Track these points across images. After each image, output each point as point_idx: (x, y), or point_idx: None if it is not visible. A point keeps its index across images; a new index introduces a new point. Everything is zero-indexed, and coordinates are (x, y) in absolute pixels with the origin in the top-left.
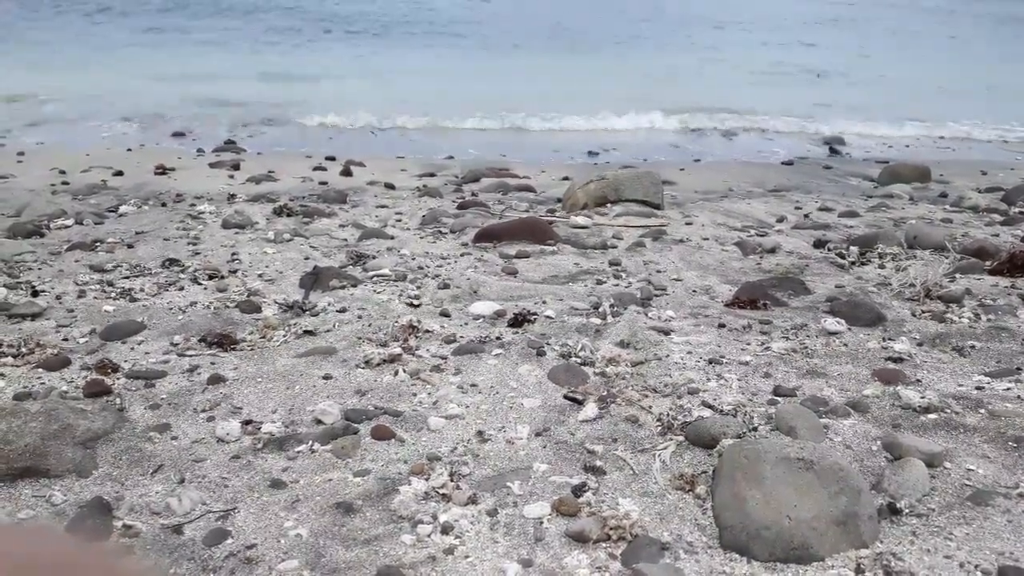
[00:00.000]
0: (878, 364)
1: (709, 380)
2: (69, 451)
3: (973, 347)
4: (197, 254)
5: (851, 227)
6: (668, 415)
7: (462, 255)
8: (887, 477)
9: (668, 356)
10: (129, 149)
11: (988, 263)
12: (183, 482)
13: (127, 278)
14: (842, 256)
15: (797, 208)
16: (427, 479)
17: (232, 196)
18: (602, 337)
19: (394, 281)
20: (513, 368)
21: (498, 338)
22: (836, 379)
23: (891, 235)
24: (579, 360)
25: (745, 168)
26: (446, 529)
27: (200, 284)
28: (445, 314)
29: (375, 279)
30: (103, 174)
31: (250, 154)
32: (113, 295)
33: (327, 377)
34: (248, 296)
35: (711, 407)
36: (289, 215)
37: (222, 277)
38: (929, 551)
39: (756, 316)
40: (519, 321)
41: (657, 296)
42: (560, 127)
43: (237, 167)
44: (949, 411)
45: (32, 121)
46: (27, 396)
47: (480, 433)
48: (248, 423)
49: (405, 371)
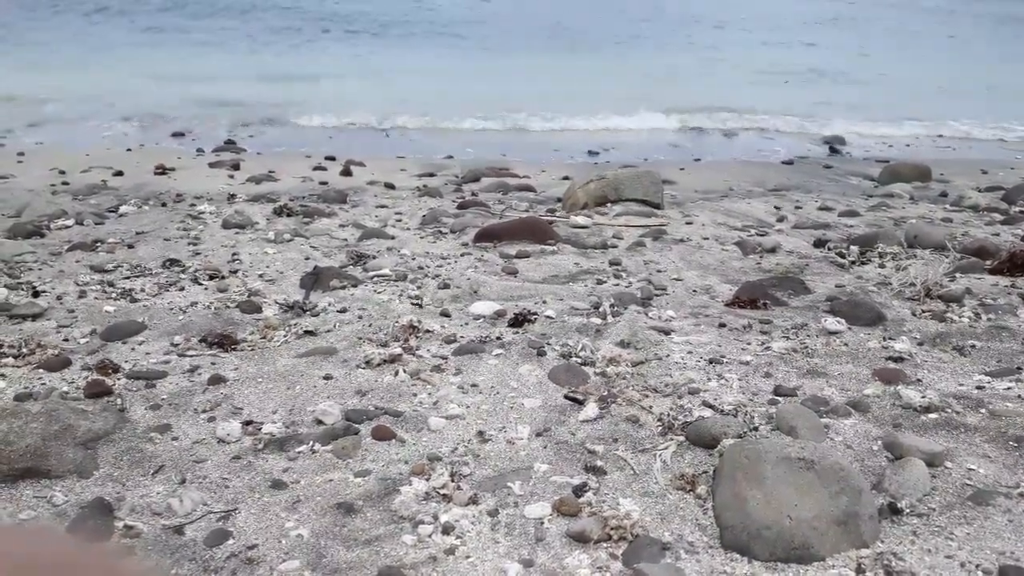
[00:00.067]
0: (879, 364)
1: (710, 380)
2: (70, 452)
3: (973, 346)
4: (197, 254)
5: (851, 226)
6: (669, 415)
7: (462, 255)
8: (888, 477)
9: (668, 356)
10: (129, 149)
11: (988, 262)
12: (184, 483)
13: (128, 278)
14: (842, 255)
15: (798, 207)
16: (428, 479)
17: (232, 196)
18: (602, 337)
19: (394, 281)
20: (514, 368)
21: (498, 338)
22: (837, 379)
23: (891, 234)
24: (579, 360)
25: (745, 167)
26: (447, 529)
27: (201, 284)
28: (445, 314)
29: (375, 279)
30: (103, 174)
31: (250, 154)
32: (114, 295)
33: (328, 377)
34: (248, 296)
35: (712, 407)
36: (289, 215)
37: (222, 277)
38: (930, 551)
39: (756, 316)
40: (519, 321)
41: (657, 296)
42: (560, 127)
43: (237, 167)
44: (950, 411)
45: (32, 121)
46: (28, 397)
47: (481, 433)
48: (249, 423)
49: (405, 371)
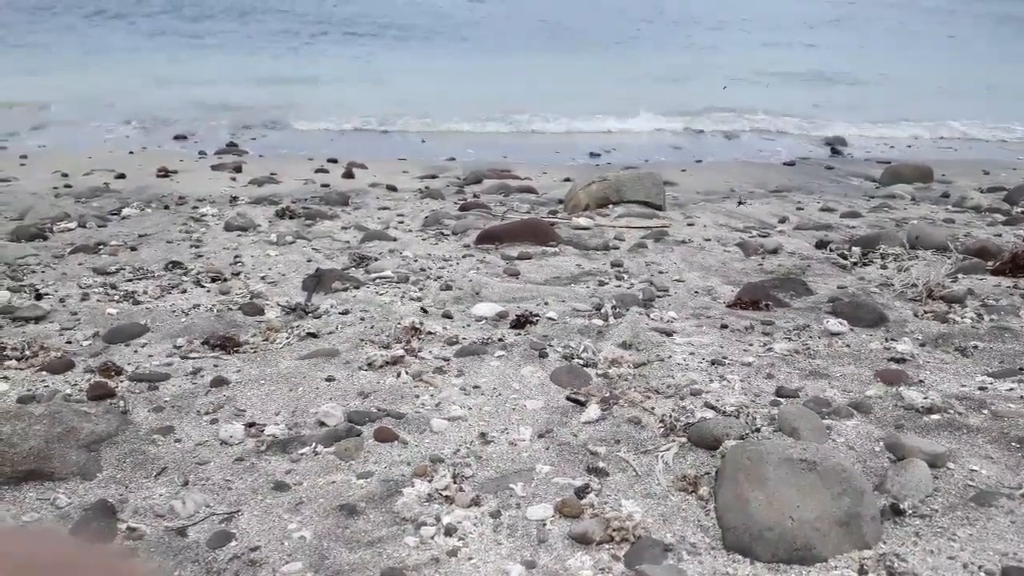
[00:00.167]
0: (881, 365)
1: (712, 381)
2: (73, 454)
3: (976, 347)
4: (200, 257)
5: (853, 227)
6: (671, 416)
7: (464, 257)
8: (890, 478)
9: (670, 357)
10: (131, 152)
11: (990, 263)
12: (187, 485)
13: (130, 281)
14: (844, 257)
15: (799, 209)
16: (430, 481)
17: (234, 199)
18: (604, 338)
19: (396, 283)
20: (516, 370)
21: (500, 340)
22: (839, 380)
23: (893, 235)
24: (581, 361)
25: (747, 169)
26: (449, 531)
27: (203, 287)
28: (447, 316)
29: (377, 281)
30: (105, 177)
31: (252, 156)
32: (116, 298)
33: (330, 379)
34: (251, 298)
35: (714, 408)
36: (291, 217)
37: (225, 280)
38: (932, 552)
39: (758, 317)
40: (521, 323)
41: (659, 297)
42: (561, 128)
43: (239, 169)
44: (952, 412)
45: (34, 124)
46: (31, 399)
47: (483, 435)
48: (251, 425)
49: (408, 373)
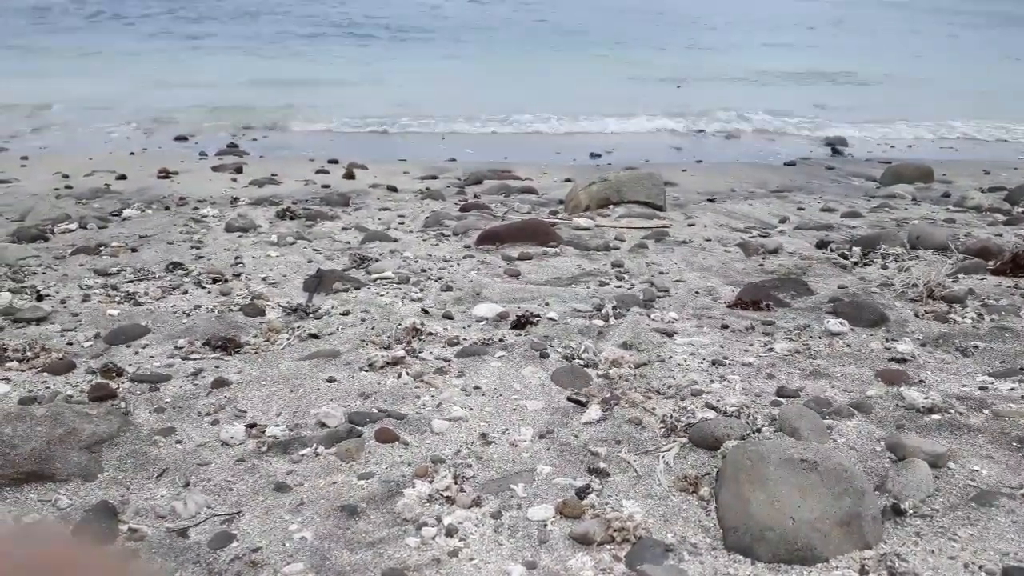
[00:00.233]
0: (881, 365)
1: (712, 381)
2: (74, 455)
3: (976, 347)
4: (201, 258)
5: (854, 227)
6: (671, 417)
7: (465, 257)
8: (891, 478)
9: (671, 358)
10: (132, 153)
11: (991, 263)
12: (188, 486)
13: (131, 282)
14: (845, 257)
15: (800, 209)
16: (431, 482)
17: (235, 200)
18: (605, 339)
19: (397, 284)
20: (516, 370)
21: (501, 340)
22: (839, 380)
23: (894, 235)
24: (582, 362)
25: (747, 169)
26: (450, 532)
27: (204, 288)
28: (448, 316)
29: (378, 282)
30: (106, 178)
31: (252, 157)
32: (117, 299)
33: (331, 380)
34: (252, 299)
35: (714, 408)
36: (292, 218)
37: (226, 281)
38: (933, 552)
39: (759, 317)
40: (522, 323)
41: (660, 297)
42: (562, 129)
43: (240, 170)
44: (953, 412)
45: (35, 126)
46: (32, 400)
47: (484, 435)
48: (252, 426)
49: (408, 374)
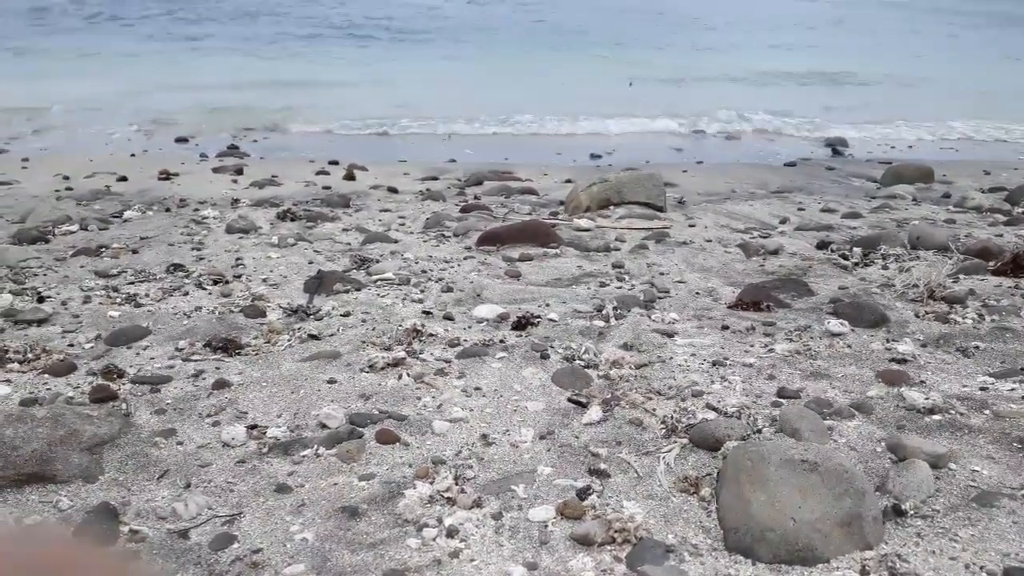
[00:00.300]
0: (882, 365)
1: (713, 382)
2: (75, 457)
3: (977, 348)
4: (201, 259)
5: (854, 228)
6: (672, 417)
7: (465, 258)
8: (892, 478)
9: (672, 358)
10: (133, 155)
11: (991, 263)
12: (189, 487)
13: (132, 283)
14: (845, 257)
15: (800, 209)
16: (432, 483)
17: (236, 201)
18: (605, 340)
19: (398, 285)
20: (517, 371)
21: (501, 341)
22: (840, 380)
23: (894, 236)
24: (583, 363)
25: (748, 170)
26: (451, 533)
27: (205, 289)
28: (449, 317)
29: (379, 283)
30: (107, 180)
31: (253, 159)
32: (118, 300)
33: (331, 381)
34: (252, 301)
35: (715, 409)
36: (293, 220)
37: (226, 282)
38: (934, 552)
39: (759, 318)
40: (522, 324)
41: (660, 298)
42: (562, 129)
43: (240, 172)
44: (953, 412)
45: (36, 127)
46: (33, 402)
47: (484, 436)
48: (253, 428)
49: (409, 375)
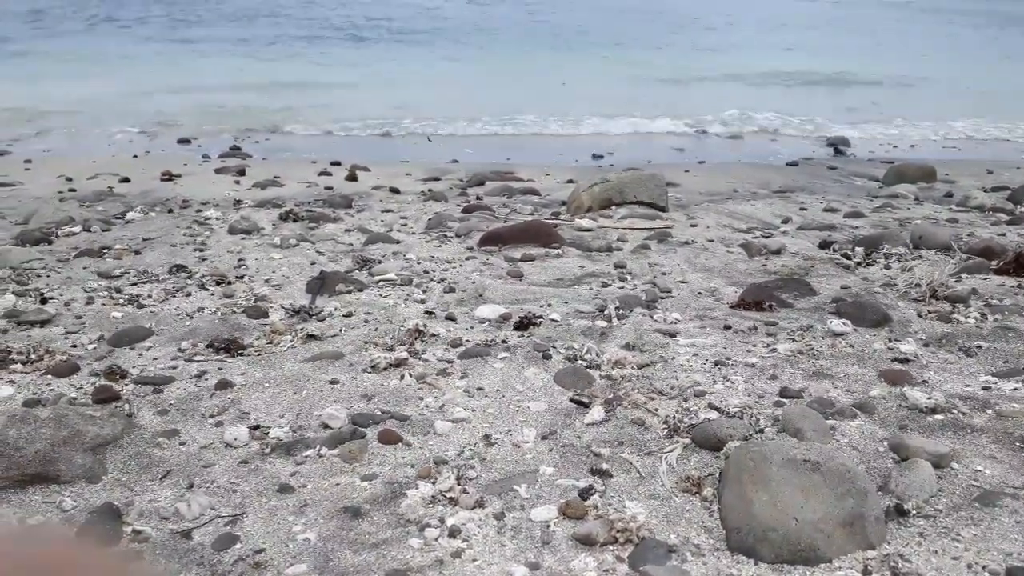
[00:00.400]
0: (884, 365)
1: (715, 382)
2: (79, 457)
3: (980, 347)
4: (204, 260)
5: (856, 228)
6: (674, 417)
7: (467, 259)
8: (894, 478)
9: (674, 358)
10: (135, 156)
11: (994, 263)
12: (192, 487)
13: (135, 284)
14: (848, 257)
15: (802, 209)
16: (434, 483)
17: (238, 202)
18: (608, 340)
19: (400, 285)
20: (519, 371)
21: (504, 341)
22: (842, 380)
23: (897, 235)
24: (585, 363)
25: (749, 169)
26: (453, 533)
27: (207, 290)
28: (451, 318)
29: (381, 283)
30: (110, 181)
31: (255, 160)
32: (121, 301)
33: (334, 382)
34: (255, 301)
35: (717, 409)
36: (295, 220)
37: (229, 283)
38: (936, 552)
39: (762, 318)
40: (525, 324)
41: (662, 298)
42: (563, 130)
43: (243, 173)
44: (956, 412)
45: (39, 129)
46: (36, 403)
47: (487, 437)
48: (256, 428)
49: (411, 375)
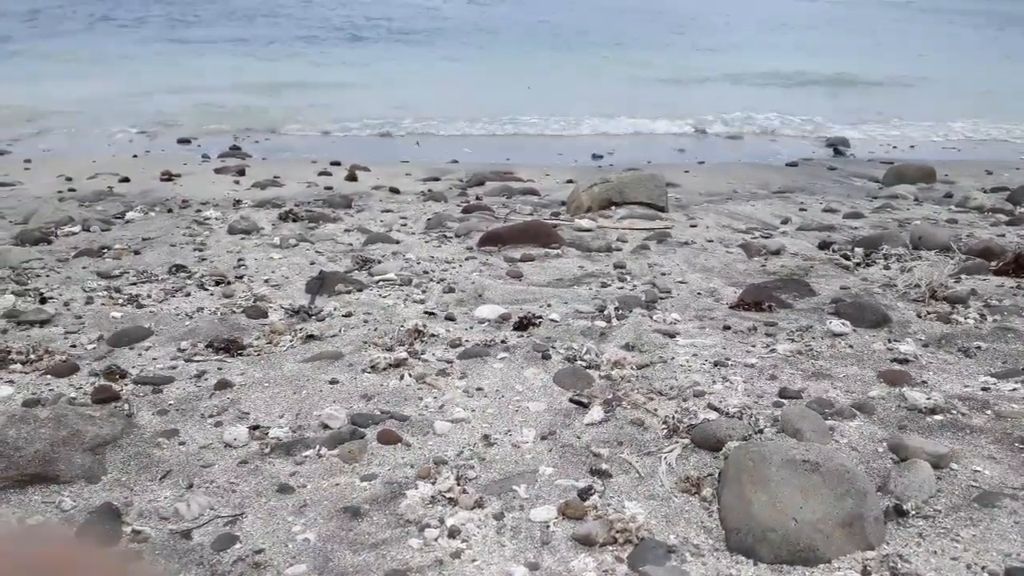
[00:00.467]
0: (884, 365)
1: (715, 382)
2: (78, 457)
3: (979, 348)
4: (203, 260)
5: (856, 228)
6: (674, 418)
7: (467, 259)
8: (893, 479)
9: (673, 359)
10: (135, 156)
11: (993, 263)
12: (191, 487)
13: (134, 284)
14: (847, 257)
15: (802, 209)
16: (434, 483)
17: (238, 202)
18: (607, 340)
19: (399, 285)
20: (519, 372)
21: (503, 342)
22: (842, 381)
23: (896, 236)
24: (584, 363)
25: (749, 170)
26: (453, 533)
27: (207, 290)
28: (450, 318)
29: (380, 284)
30: (109, 181)
31: (255, 160)
32: (120, 301)
33: (333, 382)
34: (254, 301)
35: (717, 409)
36: (295, 220)
37: (228, 283)
38: (936, 553)
39: (761, 318)
40: (524, 325)
41: (662, 299)
42: (563, 130)
43: (242, 173)
44: (955, 412)
45: (39, 129)
46: (36, 403)
47: (486, 437)
48: (255, 428)
49: (411, 375)
